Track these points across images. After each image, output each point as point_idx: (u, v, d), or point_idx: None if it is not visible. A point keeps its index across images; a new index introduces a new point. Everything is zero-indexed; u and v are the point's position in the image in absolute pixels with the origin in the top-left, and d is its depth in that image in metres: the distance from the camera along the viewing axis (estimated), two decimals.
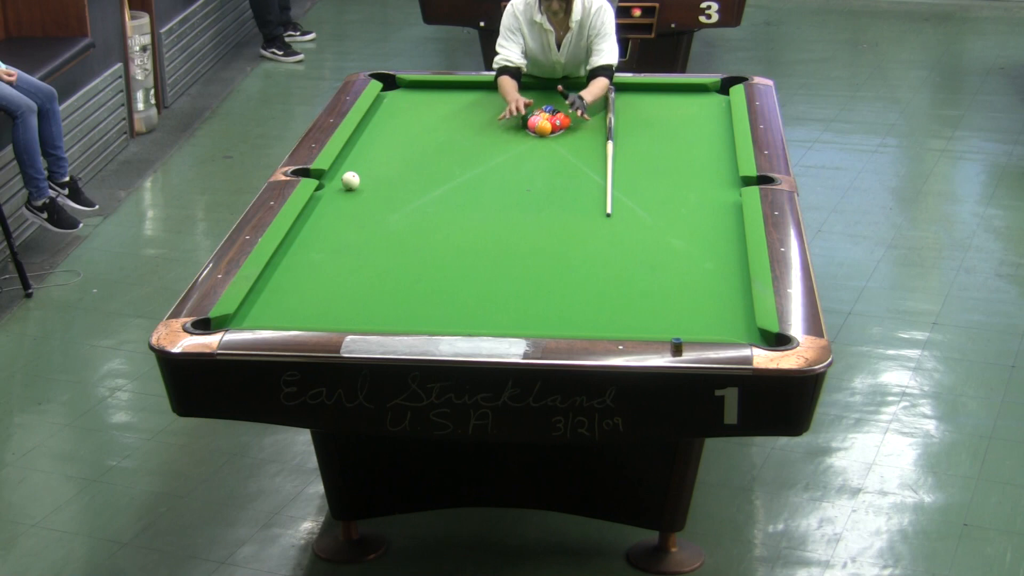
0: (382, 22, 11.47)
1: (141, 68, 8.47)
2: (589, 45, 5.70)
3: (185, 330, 3.69)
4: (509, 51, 5.71)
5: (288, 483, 4.78)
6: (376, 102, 5.69)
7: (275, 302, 3.97)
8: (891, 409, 5.23)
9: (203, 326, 3.74)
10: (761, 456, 4.89)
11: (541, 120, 5.29)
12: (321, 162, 4.95)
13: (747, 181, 4.75)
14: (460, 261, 4.27)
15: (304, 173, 4.86)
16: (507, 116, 5.42)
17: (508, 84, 5.61)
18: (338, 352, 3.58)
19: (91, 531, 4.59)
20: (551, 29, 5.67)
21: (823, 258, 6.36)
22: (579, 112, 5.41)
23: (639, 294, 4.04)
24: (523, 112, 5.41)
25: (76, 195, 6.87)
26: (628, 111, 5.63)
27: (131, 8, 8.44)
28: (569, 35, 5.68)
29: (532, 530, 4.46)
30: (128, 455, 5.05)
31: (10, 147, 6.54)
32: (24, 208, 6.68)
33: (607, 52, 5.68)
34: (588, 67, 5.72)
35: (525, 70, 5.75)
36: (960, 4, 11.50)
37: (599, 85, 5.61)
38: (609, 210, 4.59)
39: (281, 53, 10.11)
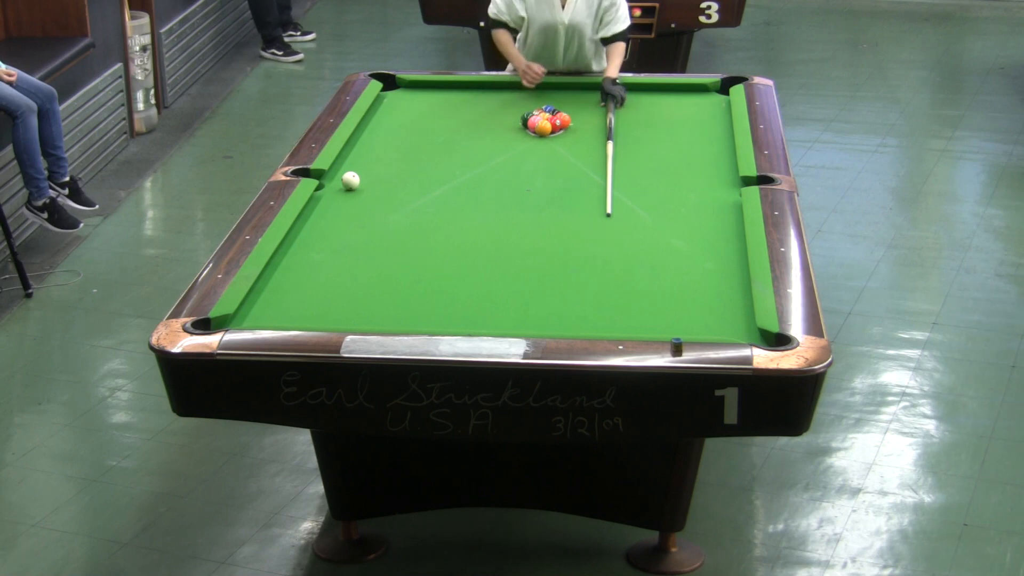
0: (382, 22, 11.47)
1: (141, 68, 8.47)
2: (600, 14, 5.82)
3: (185, 330, 3.69)
4: (507, 3, 5.86)
5: (288, 483, 4.78)
6: (376, 102, 5.69)
7: (275, 302, 3.97)
8: (891, 409, 5.23)
9: (203, 326, 3.74)
10: (761, 456, 4.89)
11: (541, 120, 5.29)
12: (321, 162, 4.95)
13: (747, 181, 4.74)
14: (460, 261, 4.27)
15: (304, 173, 4.85)
16: (530, 84, 5.69)
17: (507, 41, 5.78)
18: (338, 352, 3.58)
19: (91, 531, 4.59)
20: None
21: (823, 258, 6.36)
22: (620, 101, 5.56)
23: (639, 294, 4.04)
24: (541, 77, 5.65)
25: (76, 195, 6.88)
26: (628, 111, 5.63)
27: (131, 8, 8.44)
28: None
29: (532, 530, 4.46)
30: (128, 455, 5.05)
31: (10, 147, 6.54)
32: (24, 208, 6.68)
33: (620, 19, 5.85)
34: (602, 35, 5.85)
35: (521, 29, 5.86)
36: (960, 4, 11.50)
37: (618, 53, 5.79)
38: (609, 210, 4.59)
39: (281, 53, 10.11)
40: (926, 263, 6.61)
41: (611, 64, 5.75)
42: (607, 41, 5.84)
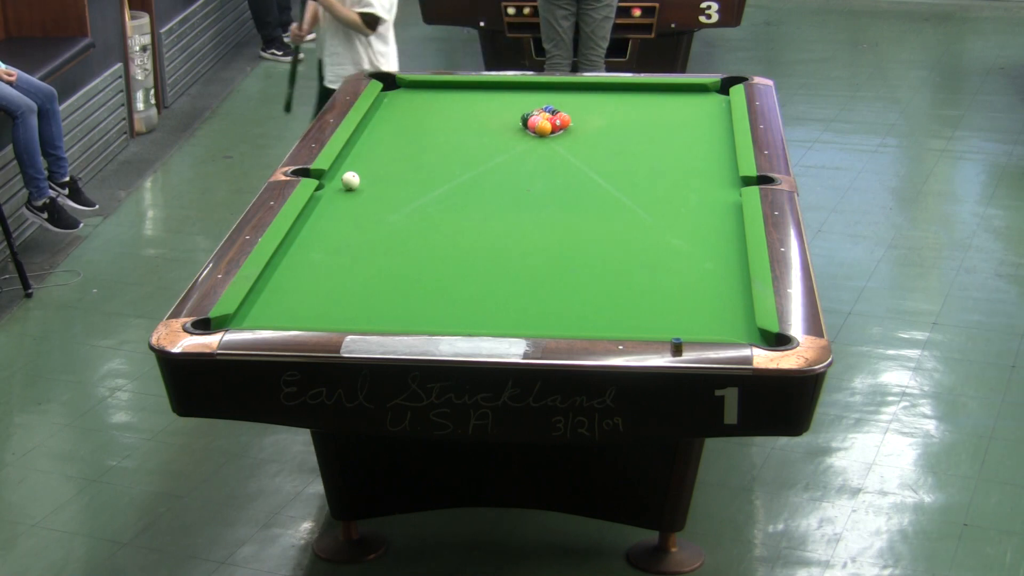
0: None
1: (141, 68, 8.47)
2: None
3: (185, 330, 3.69)
4: None
5: (288, 483, 4.78)
6: (376, 102, 5.69)
7: (275, 302, 3.97)
8: (891, 409, 5.23)
9: (203, 326, 3.74)
10: (761, 456, 4.89)
11: (541, 120, 5.28)
12: (321, 162, 4.95)
13: (747, 181, 4.74)
14: (460, 261, 4.27)
15: (304, 173, 4.85)
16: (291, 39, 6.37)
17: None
18: (338, 352, 3.58)
19: (91, 531, 4.59)
20: None
21: (823, 258, 6.36)
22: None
23: (639, 294, 4.04)
24: (303, 37, 6.29)
25: (76, 195, 6.88)
26: (628, 111, 5.63)
27: (131, 8, 8.44)
28: None
29: (532, 530, 4.46)
30: (128, 455, 5.05)
31: (10, 147, 6.54)
32: (24, 208, 6.68)
33: (367, 3, 6.17)
34: (354, 9, 6.16)
35: None
36: (960, 4, 11.50)
37: (347, 11, 6.18)
38: None
39: (280, 53, 10.11)
40: (926, 263, 6.61)
41: (337, 6, 6.13)
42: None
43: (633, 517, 4.27)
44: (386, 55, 6.40)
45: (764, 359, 3.52)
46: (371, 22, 6.15)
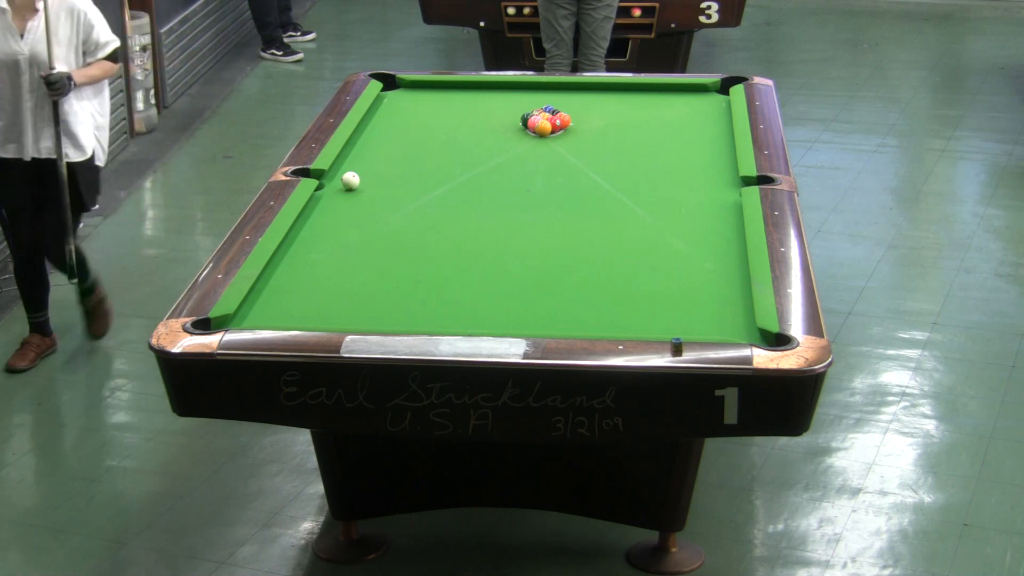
0: (382, 22, 11.48)
1: (141, 68, 8.46)
2: (81, 43, 5.28)
3: (185, 330, 3.69)
4: None
5: (288, 483, 4.78)
6: (376, 102, 5.69)
7: (275, 302, 3.97)
8: (891, 409, 5.23)
9: (203, 326, 3.74)
10: (761, 456, 4.89)
11: (541, 120, 5.28)
12: (321, 162, 4.95)
13: (747, 181, 4.74)
14: (460, 261, 4.27)
15: (304, 173, 4.85)
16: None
17: None
18: (338, 352, 3.58)
19: (91, 531, 4.59)
20: (7, 8, 5.13)
21: (823, 258, 6.36)
22: (58, 88, 5.08)
23: (639, 294, 4.04)
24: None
25: None
26: (628, 111, 5.63)
27: (131, 8, 8.44)
28: (36, 20, 5.14)
29: (532, 530, 4.46)
30: (128, 455, 5.05)
31: None
32: None
33: (103, 44, 5.33)
34: (89, 62, 5.34)
35: None
36: (960, 4, 11.50)
37: (99, 67, 5.32)
38: None
39: (281, 53, 10.11)
40: (926, 263, 6.61)
41: (83, 70, 5.23)
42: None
43: (633, 517, 4.27)
44: (103, 100, 5.60)
45: (764, 359, 3.52)
46: (116, 56, 5.48)
